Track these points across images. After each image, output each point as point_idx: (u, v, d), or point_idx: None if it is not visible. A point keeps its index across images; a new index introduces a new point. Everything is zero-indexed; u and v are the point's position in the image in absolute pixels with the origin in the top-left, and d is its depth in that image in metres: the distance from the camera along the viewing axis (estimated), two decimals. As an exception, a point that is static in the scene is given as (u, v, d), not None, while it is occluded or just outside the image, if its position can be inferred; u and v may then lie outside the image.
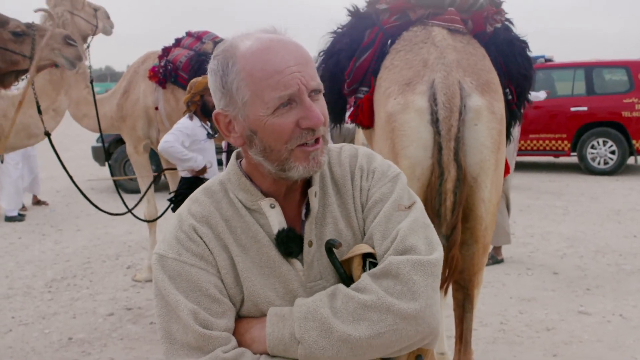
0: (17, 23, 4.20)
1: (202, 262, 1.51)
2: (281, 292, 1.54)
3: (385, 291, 1.44)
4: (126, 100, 6.49)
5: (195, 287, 1.48)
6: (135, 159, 6.62)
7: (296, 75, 1.44)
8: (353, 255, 1.54)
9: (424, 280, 1.46)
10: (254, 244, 1.55)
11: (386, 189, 1.61)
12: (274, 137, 1.47)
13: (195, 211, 1.57)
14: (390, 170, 1.66)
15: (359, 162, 1.66)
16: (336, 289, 1.49)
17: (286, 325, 1.46)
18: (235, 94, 1.48)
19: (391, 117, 3.06)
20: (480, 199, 3.03)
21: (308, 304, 1.47)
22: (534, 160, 14.58)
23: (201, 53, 6.24)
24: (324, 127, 1.50)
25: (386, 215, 1.56)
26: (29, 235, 8.96)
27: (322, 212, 1.61)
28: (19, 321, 5.53)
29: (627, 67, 12.50)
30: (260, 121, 1.47)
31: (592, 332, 4.88)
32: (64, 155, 5.53)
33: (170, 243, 1.53)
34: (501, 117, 3.08)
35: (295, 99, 1.45)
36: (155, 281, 1.51)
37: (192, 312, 1.45)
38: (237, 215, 1.57)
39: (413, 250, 1.49)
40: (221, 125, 1.56)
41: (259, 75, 1.44)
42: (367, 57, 3.44)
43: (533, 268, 6.59)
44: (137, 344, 4.94)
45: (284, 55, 1.45)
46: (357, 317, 1.43)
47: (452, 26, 3.30)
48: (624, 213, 9.12)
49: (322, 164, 1.52)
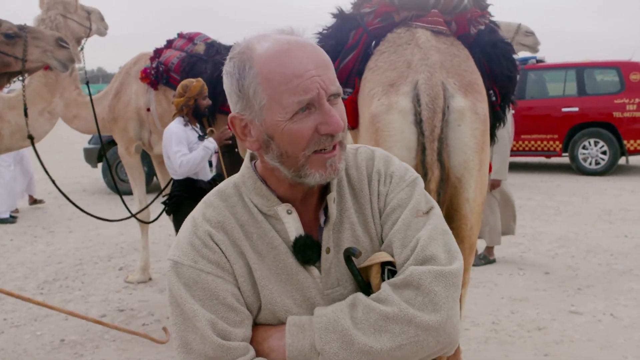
0: (9, 25, 4.20)
1: (219, 269, 1.47)
2: (299, 299, 1.51)
3: (407, 302, 1.42)
4: (118, 101, 6.48)
5: (212, 295, 1.45)
6: (127, 161, 6.61)
7: (316, 79, 1.39)
8: (372, 264, 1.52)
9: (446, 291, 1.44)
10: (271, 250, 1.52)
11: (404, 195, 1.58)
12: (291, 143, 1.43)
13: (210, 216, 1.53)
14: (408, 174, 1.63)
15: (376, 165, 1.63)
16: (356, 299, 1.47)
17: (306, 336, 1.44)
18: (252, 98, 1.43)
19: (375, 118, 3.07)
20: (464, 199, 3.05)
21: (328, 314, 1.45)
22: (525, 160, 14.63)
23: (193, 54, 6.23)
24: (342, 132, 1.46)
25: (405, 223, 1.54)
26: (21, 237, 8.93)
27: (339, 218, 1.58)
28: (11, 323, 5.52)
29: (618, 68, 12.55)
30: (277, 126, 1.42)
31: (583, 331, 4.91)
32: (56, 158, 5.56)
33: (185, 250, 1.49)
34: (485, 118, 3.10)
35: (314, 103, 1.40)
36: (171, 288, 1.47)
37: (209, 322, 1.42)
38: (252, 220, 1.53)
39: (434, 260, 1.47)
40: (237, 129, 1.51)
41: (278, 79, 1.40)
42: (351, 58, 3.45)
43: (525, 268, 6.62)
44: (130, 345, 4.94)
45: (302, 58, 1.41)
46: (378, 328, 1.41)
47: (435, 28, 3.32)
48: (615, 213, 9.16)
49: (339, 171, 1.48)
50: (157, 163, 6.83)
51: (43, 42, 4.28)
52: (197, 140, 5.38)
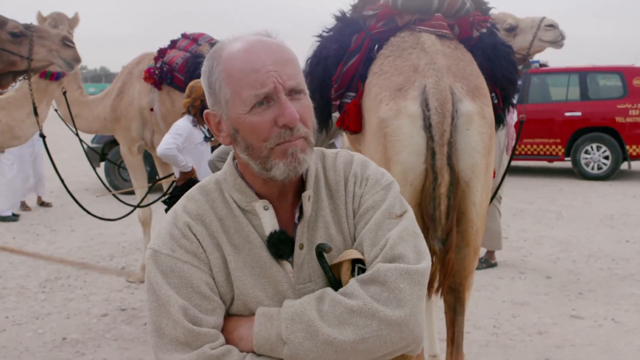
0: (15, 24, 4.21)
1: (195, 259, 1.54)
2: (270, 292, 1.57)
3: (372, 297, 1.47)
4: (120, 101, 6.49)
5: (187, 283, 1.51)
6: (129, 160, 6.61)
7: (272, 74, 1.48)
8: (342, 260, 1.56)
9: (411, 288, 1.49)
10: (246, 244, 1.58)
11: (378, 197, 1.64)
12: (253, 135, 1.51)
13: (190, 209, 1.60)
14: (384, 178, 1.68)
15: (354, 169, 1.69)
16: (324, 293, 1.52)
17: (273, 325, 1.49)
18: (219, 93, 1.54)
19: (383, 123, 3.07)
20: (471, 202, 3.06)
21: (295, 305, 1.50)
22: (528, 164, 14.62)
23: (197, 55, 6.23)
24: (305, 127, 1.53)
25: (377, 223, 1.59)
26: (23, 235, 8.94)
27: (314, 216, 1.64)
28: (13, 321, 5.53)
29: (621, 73, 12.55)
30: (239, 119, 1.51)
31: (584, 336, 4.91)
32: (58, 157, 5.56)
33: (165, 239, 1.56)
34: (491, 122, 3.12)
35: (272, 97, 1.48)
36: (148, 275, 1.55)
37: (182, 308, 1.48)
38: (231, 215, 1.60)
39: (401, 259, 1.52)
40: (212, 125, 1.61)
41: (237, 75, 1.50)
42: (354, 62, 3.44)
43: (526, 272, 6.62)
44: (131, 344, 4.94)
45: (262, 55, 1.50)
46: (343, 321, 1.46)
47: (439, 31, 3.32)
48: (617, 218, 9.16)
49: (302, 162, 1.52)
50: (160, 163, 6.83)
51: (49, 42, 4.29)
52: (203, 140, 5.41)
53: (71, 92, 6.46)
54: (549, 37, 5.70)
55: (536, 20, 5.68)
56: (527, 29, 5.61)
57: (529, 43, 5.57)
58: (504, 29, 5.58)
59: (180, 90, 6.04)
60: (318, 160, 1.70)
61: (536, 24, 5.66)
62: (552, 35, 5.69)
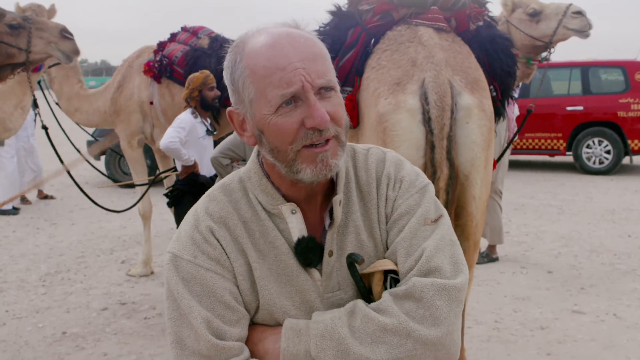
0: (13, 16, 4.18)
1: (218, 266, 1.45)
2: (297, 302, 1.49)
3: (407, 315, 1.39)
4: (120, 94, 6.46)
5: (210, 292, 1.43)
6: (129, 154, 6.59)
7: (300, 72, 1.36)
8: (375, 271, 1.49)
9: (448, 306, 1.40)
10: (272, 250, 1.49)
11: (413, 201, 1.54)
12: (278, 137, 1.40)
13: (213, 211, 1.51)
14: (419, 180, 1.58)
15: (387, 169, 1.59)
16: (355, 307, 1.44)
17: (302, 341, 1.41)
18: (242, 92, 1.43)
19: (382, 118, 3.05)
20: (471, 196, 3.05)
21: (326, 321, 1.42)
22: (529, 159, 14.59)
23: (197, 48, 6.22)
24: (336, 127, 1.42)
25: (412, 231, 1.50)
26: (23, 228, 8.93)
27: (344, 220, 1.54)
28: (13, 315, 5.51)
29: (623, 67, 12.52)
30: (264, 120, 1.40)
31: (586, 331, 4.89)
32: (59, 150, 5.53)
33: (186, 244, 1.47)
34: (490, 115, 3.10)
35: (300, 97, 1.37)
36: (168, 282, 1.46)
37: (205, 319, 1.40)
38: (256, 218, 1.50)
39: (438, 272, 1.43)
40: (235, 123, 1.51)
41: (262, 73, 1.38)
42: (350, 56, 3.42)
43: (527, 267, 6.60)
44: (131, 338, 4.93)
45: (288, 51, 1.38)
46: (375, 339, 1.38)
47: (436, 25, 3.31)
48: (619, 213, 9.13)
49: (332, 168, 1.42)
50: (160, 157, 6.81)
51: (47, 34, 4.25)
52: (205, 134, 5.39)
53: (71, 86, 6.45)
54: (576, 25, 5.33)
55: (562, 7, 5.34)
56: (551, 15, 5.34)
57: (552, 30, 5.31)
58: (527, 13, 5.42)
59: (179, 83, 6.02)
60: (349, 159, 1.60)
61: (562, 10, 5.32)
62: (579, 24, 5.33)
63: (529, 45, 5.47)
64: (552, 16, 5.34)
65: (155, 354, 4.62)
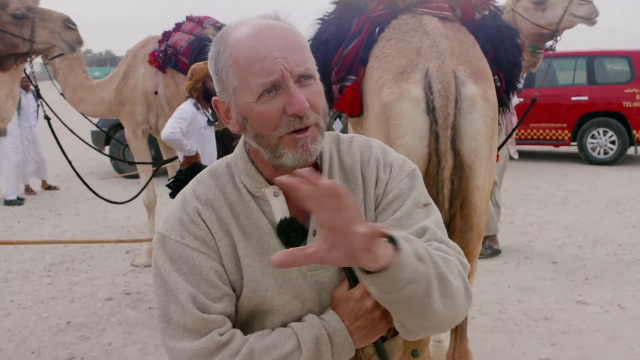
0: (16, 5, 4.17)
1: (204, 246, 1.52)
2: (280, 280, 1.54)
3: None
4: (125, 84, 6.47)
5: (196, 270, 1.49)
6: (133, 144, 6.60)
7: (279, 61, 1.43)
8: None
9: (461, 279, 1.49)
10: (256, 230, 1.55)
11: (405, 185, 1.61)
12: (261, 124, 1.47)
13: (200, 193, 1.58)
14: (406, 165, 1.66)
15: (375, 153, 1.65)
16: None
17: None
18: (226, 81, 1.50)
19: (386, 107, 3.05)
20: (474, 186, 3.04)
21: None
22: (534, 149, 14.56)
23: (202, 38, 6.20)
24: (315, 114, 1.48)
25: (407, 212, 1.57)
26: (28, 219, 8.95)
27: None
28: (18, 305, 5.54)
29: (628, 57, 12.43)
30: (248, 108, 1.47)
31: (590, 321, 4.89)
32: (63, 140, 5.53)
33: (173, 224, 1.54)
34: (494, 105, 3.10)
35: (280, 85, 1.44)
36: (156, 260, 1.53)
37: (190, 295, 1.47)
38: (241, 200, 1.57)
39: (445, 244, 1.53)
40: (220, 112, 1.58)
41: (244, 62, 1.45)
42: (354, 45, 3.42)
43: (532, 257, 6.59)
44: (136, 328, 4.95)
45: (268, 41, 1.45)
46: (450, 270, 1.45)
47: (441, 14, 3.29)
48: (624, 203, 9.11)
49: (312, 152, 1.48)
50: (164, 147, 6.82)
51: (51, 24, 4.25)
52: (206, 124, 5.38)
53: (76, 77, 6.46)
54: (583, 13, 5.22)
55: None
56: (557, 3, 5.27)
57: (558, 18, 5.24)
58: (532, 1, 5.36)
59: (184, 73, 6.00)
60: (333, 145, 1.67)
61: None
62: (586, 11, 5.22)
63: (535, 33, 5.44)
64: (558, 4, 5.28)
65: (159, 344, 4.63)
